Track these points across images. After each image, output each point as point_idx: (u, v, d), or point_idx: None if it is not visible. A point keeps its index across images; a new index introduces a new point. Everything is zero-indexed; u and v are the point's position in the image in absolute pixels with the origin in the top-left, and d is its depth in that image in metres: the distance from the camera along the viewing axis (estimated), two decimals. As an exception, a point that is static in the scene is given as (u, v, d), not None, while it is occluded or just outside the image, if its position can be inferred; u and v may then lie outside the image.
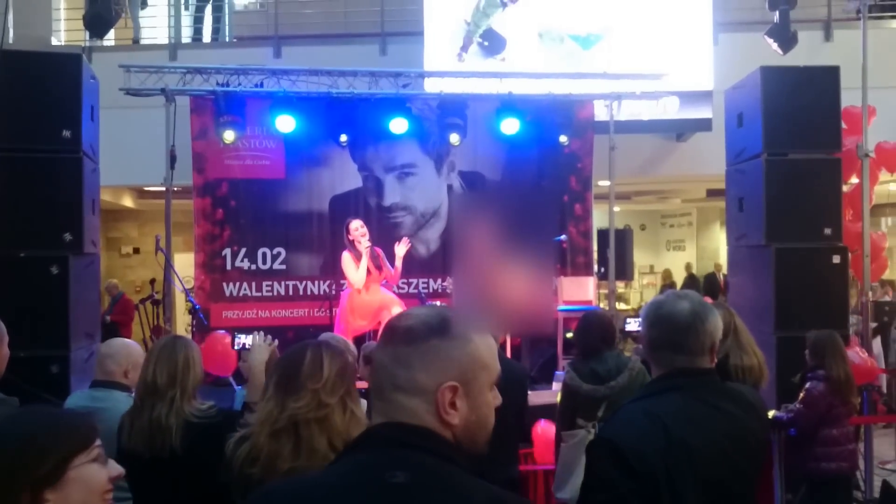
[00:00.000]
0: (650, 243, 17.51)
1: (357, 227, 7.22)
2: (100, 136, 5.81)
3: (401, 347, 1.38)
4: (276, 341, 3.25)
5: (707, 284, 14.07)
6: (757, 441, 2.21)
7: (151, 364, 2.89)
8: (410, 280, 8.51)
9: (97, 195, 5.65)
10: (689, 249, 16.90)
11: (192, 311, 7.24)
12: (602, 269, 8.80)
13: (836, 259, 6.00)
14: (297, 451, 2.13)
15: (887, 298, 9.36)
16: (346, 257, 7.24)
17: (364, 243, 7.11)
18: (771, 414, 5.13)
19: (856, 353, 5.81)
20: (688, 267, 16.04)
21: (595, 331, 4.43)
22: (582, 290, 8.17)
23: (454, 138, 8.15)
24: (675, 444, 2.02)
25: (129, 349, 3.46)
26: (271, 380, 2.26)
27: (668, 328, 2.13)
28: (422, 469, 1.31)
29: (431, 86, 8.70)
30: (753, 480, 2.23)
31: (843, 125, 6.34)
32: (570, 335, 8.13)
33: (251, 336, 3.27)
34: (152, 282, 9.44)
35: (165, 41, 10.83)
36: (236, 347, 4.07)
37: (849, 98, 6.64)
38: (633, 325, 5.18)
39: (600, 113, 8.92)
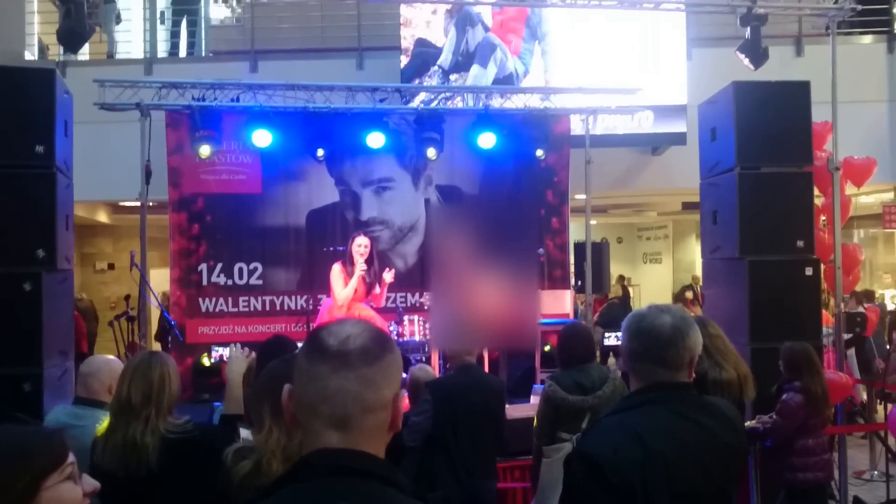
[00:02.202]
0: (627, 256, 17.62)
1: (360, 245, 7.07)
2: (74, 150, 5.76)
3: (364, 370, 1.35)
4: (254, 353, 3.23)
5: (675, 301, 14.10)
6: (734, 455, 2.22)
7: (126, 382, 2.85)
8: (388, 294, 8.47)
9: (71, 211, 5.58)
10: (665, 262, 17.02)
11: (168, 328, 7.17)
12: (579, 283, 8.84)
13: (809, 271, 6.06)
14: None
15: (860, 309, 9.45)
16: (337, 270, 7.13)
17: (360, 265, 7.03)
18: (747, 425, 5.18)
19: (831, 372, 5.89)
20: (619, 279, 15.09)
21: (577, 342, 4.44)
22: (559, 304, 8.20)
23: (431, 152, 8.16)
24: (652, 457, 2.02)
25: (112, 366, 3.42)
26: (265, 407, 2.23)
27: (650, 342, 2.14)
28: (367, 497, 1.31)
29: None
30: (730, 494, 2.24)
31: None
32: (547, 348, 8.17)
33: (228, 348, 3.24)
34: (127, 298, 9.34)
35: (141, 56, 10.78)
36: (213, 359, 4.05)
37: (820, 112, 6.75)
38: (612, 339, 5.20)
39: (576, 127, 9.00)
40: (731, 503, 2.26)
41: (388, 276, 7.20)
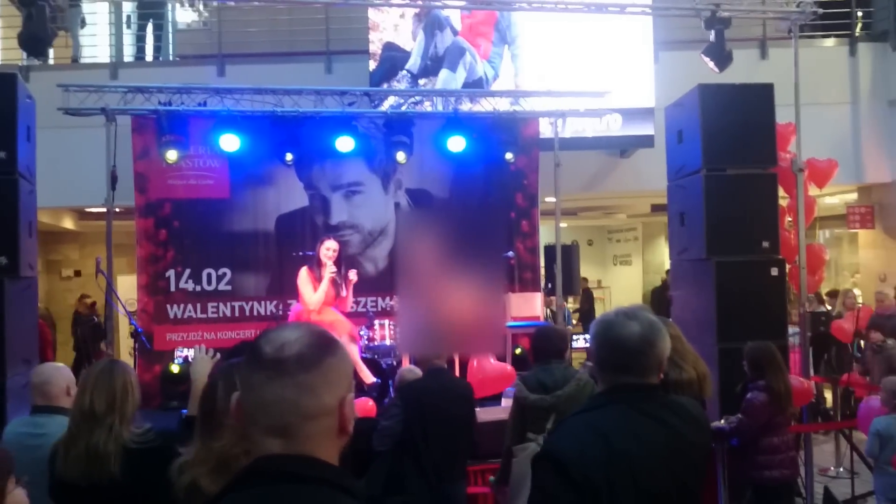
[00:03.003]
0: (597, 258, 17.74)
1: (329, 248, 7.10)
2: (39, 156, 5.68)
3: (301, 376, 1.33)
4: (219, 354, 3.19)
5: (655, 299, 14.24)
6: (699, 454, 2.23)
7: (88, 390, 2.81)
8: (359, 299, 8.47)
9: (34, 217, 5.51)
10: (635, 264, 17.14)
11: (135, 335, 7.08)
12: (549, 285, 8.88)
13: (774, 271, 6.15)
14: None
15: (824, 309, 9.60)
16: (305, 275, 7.11)
17: (330, 267, 7.02)
18: (714, 424, 5.23)
19: (794, 378, 5.96)
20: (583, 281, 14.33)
21: (547, 343, 4.46)
22: (529, 306, 8.23)
23: (400, 156, 8.15)
24: (617, 456, 2.03)
25: (62, 371, 3.38)
26: (199, 416, 2.22)
27: (617, 351, 2.14)
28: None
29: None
30: (696, 492, 2.25)
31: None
32: (518, 351, 8.20)
33: (192, 350, 3.21)
34: (92, 305, 9.22)
35: (107, 60, 10.65)
36: (176, 360, 4.01)
37: (785, 114, 6.85)
38: (580, 342, 5.23)
39: (545, 130, 9.05)
40: (697, 501, 2.27)
41: (352, 274, 7.22)
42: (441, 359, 4.17)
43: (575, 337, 9.45)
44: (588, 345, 2.37)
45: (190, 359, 2.94)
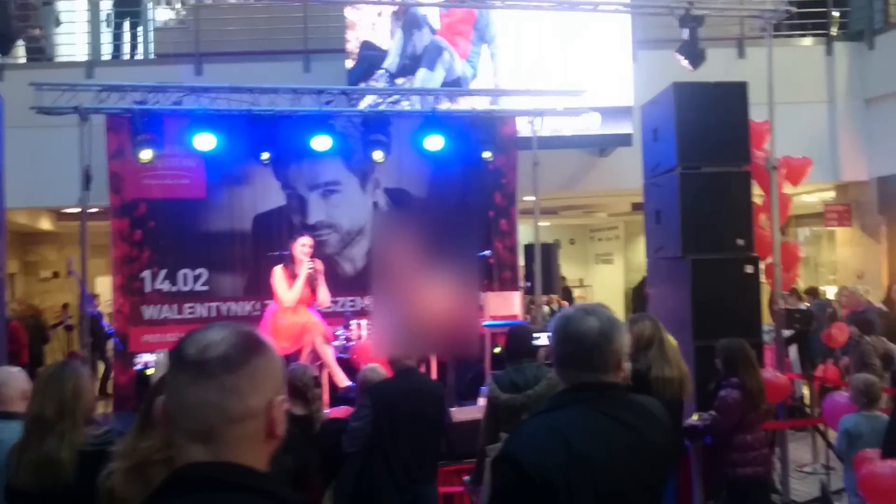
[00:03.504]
0: (580, 257, 17.77)
1: (304, 244, 7.11)
2: (14, 156, 5.63)
3: (225, 378, 1.28)
4: None
5: (634, 297, 14.31)
6: (661, 453, 2.21)
7: (39, 396, 2.75)
8: (337, 299, 8.43)
9: (2, 217, 5.44)
10: (617, 262, 17.18)
11: (107, 336, 7.01)
12: (528, 284, 8.87)
13: (749, 269, 6.17)
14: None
15: (802, 307, 9.64)
16: (280, 273, 7.08)
17: (306, 263, 7.00)
18: (688, 422, 5.24)
19: (769, 371, 5.98)
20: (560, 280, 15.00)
21: (519, 342, 4.46)
22: (508, 305, 8.22)
23: (378, 155, 8.11)
24: (576, 457, 2.01)
25: (16, 375, 3.29)
26: (139, 414, 2.18)
27: (575, 346, 2.12)
28: None
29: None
30: (658, 493, 2.23)
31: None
32: (497, 350, 8.18)
33: (156, 354, 3.17)
34: (65, 306, 9.13)
35: (83, 59, 10.55)
36: (136, 366, 3.96)
37: (762, 112, 6.86)
38: (543, 339, 5.22)
39: (524, 129, 9.03)
40: (658, 501, 2.26)
41: (319, 264, 7.24)
42: (411, 359, 4.15)
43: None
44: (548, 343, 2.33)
45: (149, 365, 2.90)
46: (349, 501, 3.85)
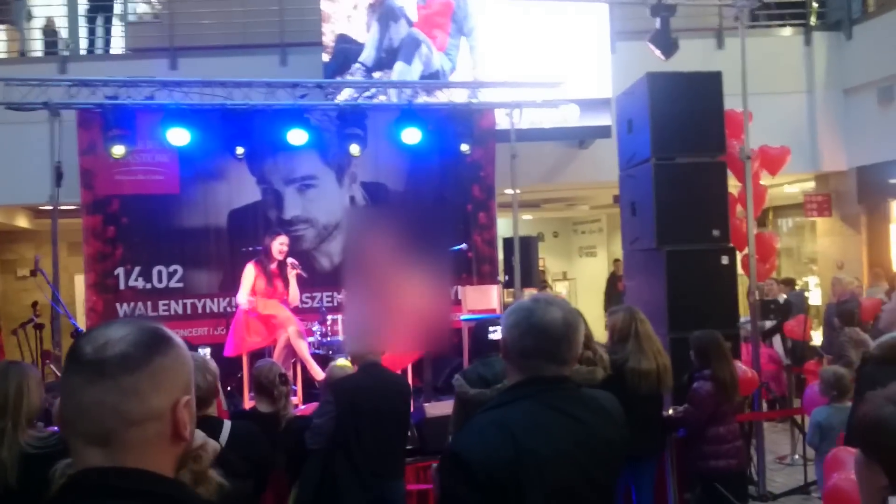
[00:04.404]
0: (563, 250, 17.74)
1: (284, 244, 7.15)
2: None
3: (123, 378, 1.21)
4: None
5: (608, 289, 14.35)
6: (612, 449, 2.15)
7: None
8: (314, 294, 8.36)
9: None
10: (600, 255, 17.15)
11: (76, 335, 6.91)
12: (507, 278, 8.81)
13: (725, 260, 6.14)
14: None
15: (783, 297, 9.62)
16: (250, 270, 7.06)
17: (293, 272, 7.07)
18: (664, 415, 5.19)
19: (738, 365, 5.94)
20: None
21: (484, 336, 4.41)
22: (486, 299, 8.16)
23: (354, 149, 8.02)
24: (523, 454, 1.96)
25: None
26: None
27: (542, 338, 2.06)
28: None
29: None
30: (609, 487, 2.18)
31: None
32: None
33: None
34: (34, 305, 9.00)
35: (55, 53, 10.41)
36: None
37: (739, 103, 6.81)
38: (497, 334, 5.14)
39: (502, 121, 8.95)
40: (612, 498, 2.21)
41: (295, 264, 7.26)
42: (376, 354, 4.07)
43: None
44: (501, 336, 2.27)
45: None
46: (313, 498, 3.79)
